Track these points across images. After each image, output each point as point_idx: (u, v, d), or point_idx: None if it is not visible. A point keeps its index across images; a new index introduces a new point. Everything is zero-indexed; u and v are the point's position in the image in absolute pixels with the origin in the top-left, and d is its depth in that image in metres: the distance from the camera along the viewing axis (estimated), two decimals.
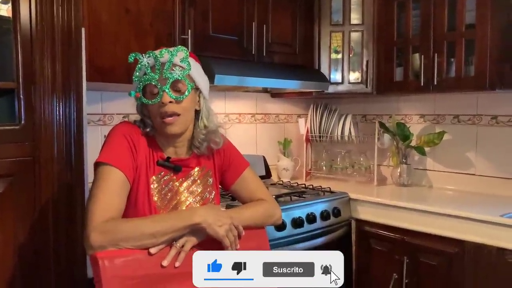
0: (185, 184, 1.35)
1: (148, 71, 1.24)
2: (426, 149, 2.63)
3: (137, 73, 1.27)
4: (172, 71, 1.25)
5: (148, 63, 1.25)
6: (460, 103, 2.57)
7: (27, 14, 1.43)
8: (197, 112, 1.35)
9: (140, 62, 1.25)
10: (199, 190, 1.37)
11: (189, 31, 2.07)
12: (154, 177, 1.30)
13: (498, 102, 2.42)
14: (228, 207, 1.87)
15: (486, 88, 2.17)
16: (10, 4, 1.42)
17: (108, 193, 1.19)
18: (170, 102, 1.24)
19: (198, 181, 1.38)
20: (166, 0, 1.94)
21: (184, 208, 1.33)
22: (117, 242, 1.12)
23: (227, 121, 2.73)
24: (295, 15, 2.61)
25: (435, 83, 2.32)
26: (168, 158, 1.33)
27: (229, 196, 2.08)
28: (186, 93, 1.27)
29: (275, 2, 2.48)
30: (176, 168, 1.33)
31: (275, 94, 2.95)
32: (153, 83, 1.24)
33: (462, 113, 2.58)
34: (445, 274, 2.05)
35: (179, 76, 1.25)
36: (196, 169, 1.38)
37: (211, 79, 2.03)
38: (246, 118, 2.85)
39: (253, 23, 2.36)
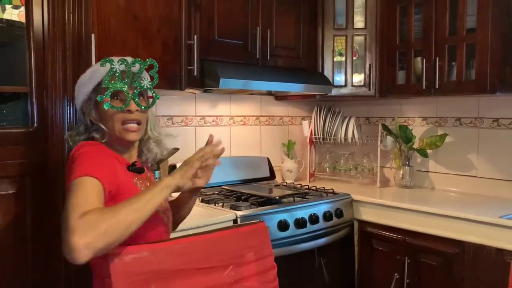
0: (147, 185, 1.38)
1: (119, 77, 1.28)
2: (428, 151, 2.66)
3: (107, 78, 1.27)
4: (141, 81, 1.31)
5: (119, 69, 1.28)
6: (461, 106, 2.61)
7: (40, 20, 1.49)
8: None
9: (112, 68, 1.27)
10: None
11: (195, 36, 2.12)
12: (134, 180, 1.34)
13: (499, 105, 2.45)
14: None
15: (487, 91, 2.19)
16: (20, 9, 1.47)
17: (83, 195, 1.11)
18: (137, 110, 1.30)
19: (153, 180, 1.45)
20: (172, 7, 1.99)
21: None
22: (103, 233, 1.02)
23: (232, 123, 2.78)
24: (299, 19, 2.66)
25: (437, 87, 2.35)
26: (134, 163, 1.37)
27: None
28: (152, 102, 1.36)
29: (279, 6, 2.53)
30: (140, 170, 1.37)
31: (279, 96, 2.99)
32: (123, 90, 1.28)
33: (464, 116, 2.61)
34: (445, 274, 2.09)
35: (148, 86, 1.32)
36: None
37: (216, 82, 2.11)
38: (251, 121, 2.90)
39: (258, 27, 2.41)
